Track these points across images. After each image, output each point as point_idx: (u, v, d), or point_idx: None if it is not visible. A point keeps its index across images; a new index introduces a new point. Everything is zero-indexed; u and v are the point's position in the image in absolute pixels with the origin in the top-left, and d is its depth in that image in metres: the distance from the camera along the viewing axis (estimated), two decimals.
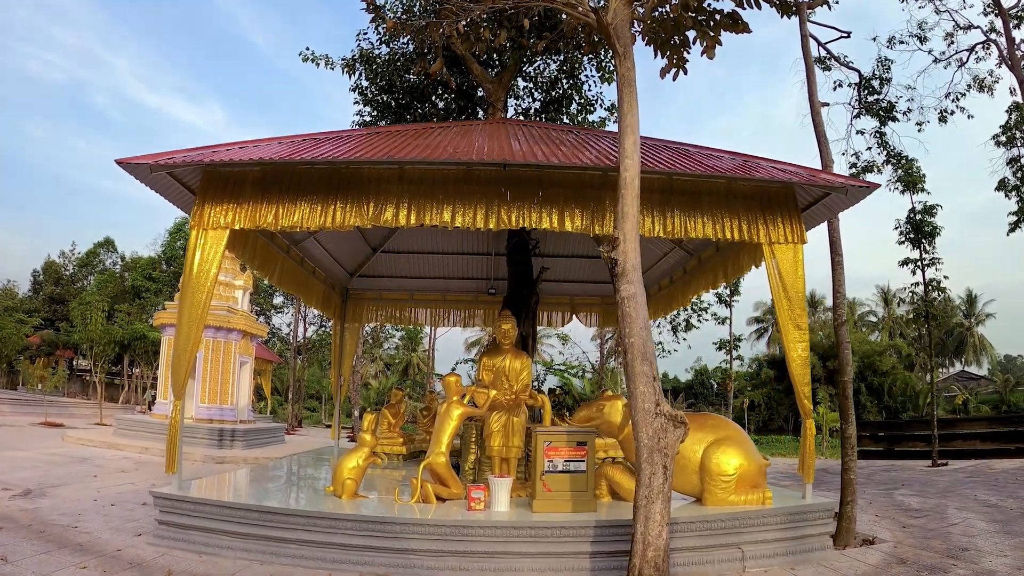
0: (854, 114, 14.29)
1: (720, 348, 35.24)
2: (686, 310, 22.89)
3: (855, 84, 14.35)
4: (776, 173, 7.31)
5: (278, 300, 42.11)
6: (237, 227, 6.66)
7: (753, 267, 8.26)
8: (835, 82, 14.62)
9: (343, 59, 12.83)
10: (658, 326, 22.05)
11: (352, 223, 6.40)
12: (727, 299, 26.36)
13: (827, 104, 13.30)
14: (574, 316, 13.53)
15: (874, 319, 57.46)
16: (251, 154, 6.66)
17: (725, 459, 6.60)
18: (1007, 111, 16.44)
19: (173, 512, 6.31)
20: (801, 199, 7.67)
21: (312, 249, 10.55)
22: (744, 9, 6.34)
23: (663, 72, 6.59)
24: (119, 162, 6.74)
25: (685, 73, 6.67)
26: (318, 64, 12.64)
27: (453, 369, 44.27)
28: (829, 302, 52.52)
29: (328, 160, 6.39)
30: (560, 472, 6.05)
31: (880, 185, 7.67)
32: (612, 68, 13.24)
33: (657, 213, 6.79)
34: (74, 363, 45.63)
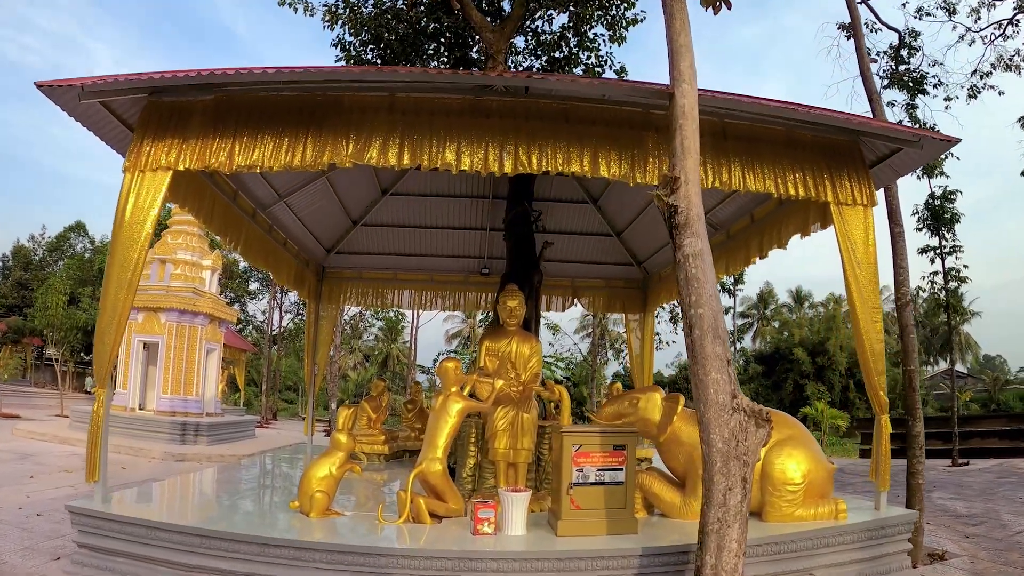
0: (884, 84, 13.07)
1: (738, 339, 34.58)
2: None
3: (885, 52, 13.15)
4: (845, 119, 6.09)
5: (254, 286, 40.34)
6: (182, 167, 5.24)
7: (799, 235, 7.06)
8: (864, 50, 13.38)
9: (325, 5, 11.33)
10: (656, 316, 20.77)
11: (326, 160, 5.00)
12: (731, 288, 25.27)
13: (876, 60, 12.11)
14: (576, 300, 12.19)
15: None
16: (205, 79, 5.21)
17: (791, 465, 5.35)
18: None
19: (95, 532, 4.90)
20: (867, 155, 6.47)
21: (282, 216, 9.10)
22: None
23: (705, 3, 5.34)
24: (39, 85, 5.29)
25: (728, 8, 5.43)
26: (296, 9, 11.13)
27: (436, 359, 42.63)
28: (816, 297, 51.61)
29: (300, 78, 4.98)
30: (592, 484, 4.70)
31: (960, 140, 6.43)
32: (623, 25, 11.91)
33: (710, 161, 5.49)
34: (44, 351, 43.62)
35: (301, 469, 8.06)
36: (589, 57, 11.94)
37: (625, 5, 11.77)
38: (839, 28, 13.62)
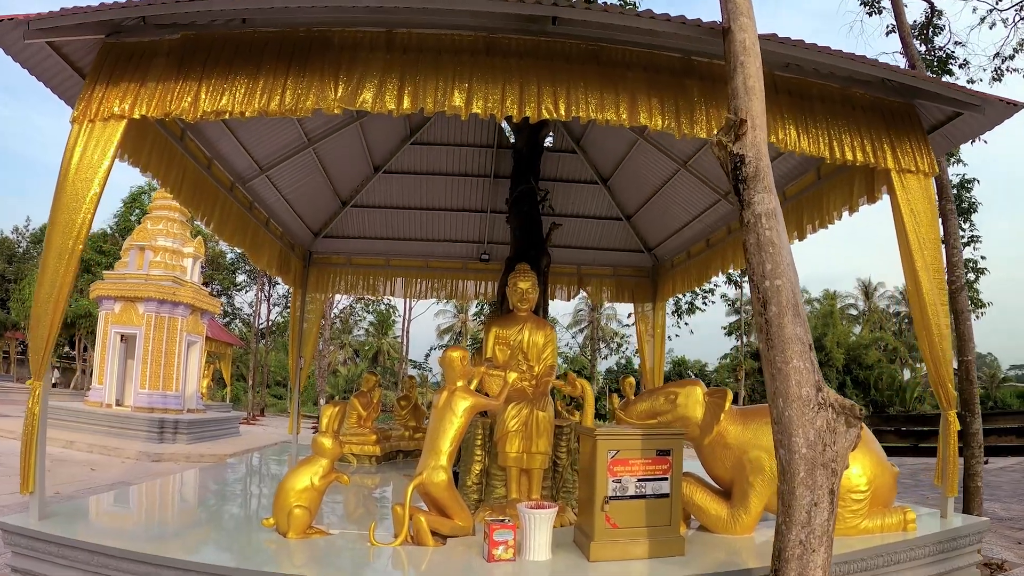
0: (907, 65, 12.36)
1: (730, 333, 34.45)
2: (693, 293, 21.01)
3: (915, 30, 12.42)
4: (906, 75, 5.36)
5: (241, 278, 39.27)
6: (138, 115, 4.40)
7: (846, 212, 6.35)
8: (888, 26, 12.67)
9: None
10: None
11: (309, 106, 4.15)
12: (737, 279, 24.51)
13: (914, 30, 11.36)
14: (582, 289, 11.37)
15: (854, 312, 56.69)
16: (174, 8, 4.36)
17: (855, 470, 4.63)
18: None
19: (30, 555, 4.07)
20: (924, 121, 5.76)
21: (264, 193, 8.24)
22: None
23: None
24: None
25: None
26: None
27: (428, 354, 41.64)
28: (814, 293, 51.24)
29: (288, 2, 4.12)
30: (631, 498, 3.89)
31: None
32: None
33: None
34: (27, 345, 42.28)
35: (284, 471, 7.24)
36: None
37: None
38: (861, 4, 12.91)
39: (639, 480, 3.88)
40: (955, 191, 15.63)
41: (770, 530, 4.70)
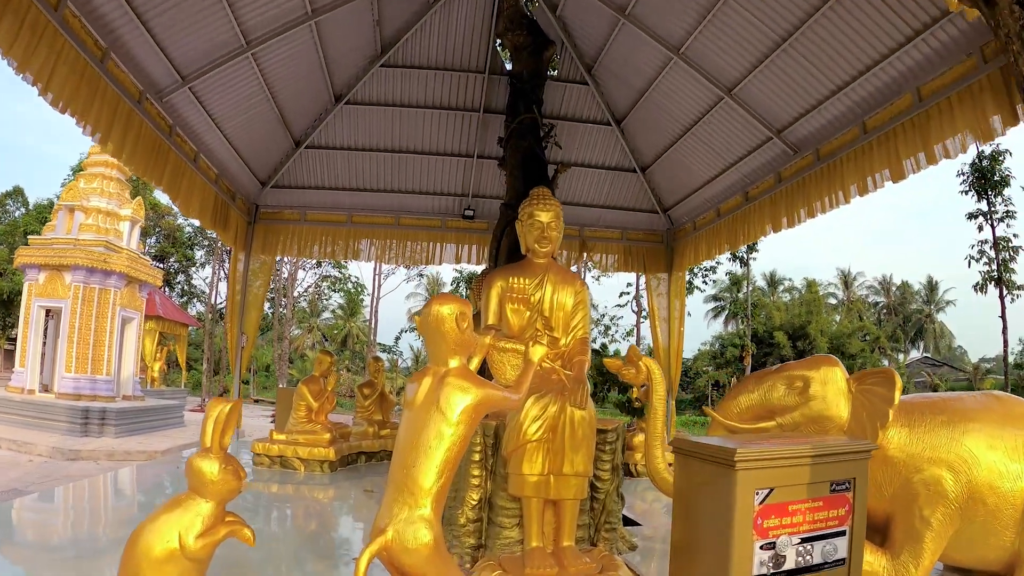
0: None
1: (735, 314, 33.96)
2: (691, 271, 19.34)
3: None
4: None
5: (199, 254, 36.75)
6: None
7: (959, 151, 4.83)
8: None
9: None
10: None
11: None
12: (743, 256, 23.03)
13: None
14: (585, 255, 9.57)
15: (834, 301, 56.19)
16: None
17: None
18: None
19: None
20: None
21: (189, 115, 6.25)
22: None
23: None
24: None
25: None
26: None
27: (399, 337, 39.35)
28: (795, 280, 50.31)
29: None
30: (790, 573, 2.07)
31: None
32: None
33: None
34: None
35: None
36: None
37: None
38: None
39: (803, 540, 2.06)
40: (986, 162, 14.15)
41: None
